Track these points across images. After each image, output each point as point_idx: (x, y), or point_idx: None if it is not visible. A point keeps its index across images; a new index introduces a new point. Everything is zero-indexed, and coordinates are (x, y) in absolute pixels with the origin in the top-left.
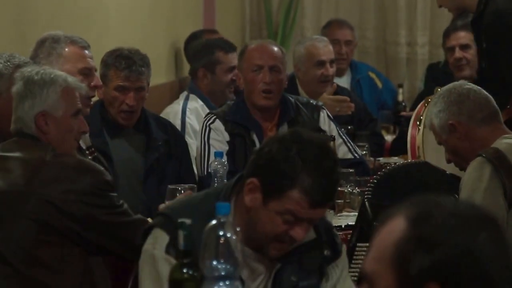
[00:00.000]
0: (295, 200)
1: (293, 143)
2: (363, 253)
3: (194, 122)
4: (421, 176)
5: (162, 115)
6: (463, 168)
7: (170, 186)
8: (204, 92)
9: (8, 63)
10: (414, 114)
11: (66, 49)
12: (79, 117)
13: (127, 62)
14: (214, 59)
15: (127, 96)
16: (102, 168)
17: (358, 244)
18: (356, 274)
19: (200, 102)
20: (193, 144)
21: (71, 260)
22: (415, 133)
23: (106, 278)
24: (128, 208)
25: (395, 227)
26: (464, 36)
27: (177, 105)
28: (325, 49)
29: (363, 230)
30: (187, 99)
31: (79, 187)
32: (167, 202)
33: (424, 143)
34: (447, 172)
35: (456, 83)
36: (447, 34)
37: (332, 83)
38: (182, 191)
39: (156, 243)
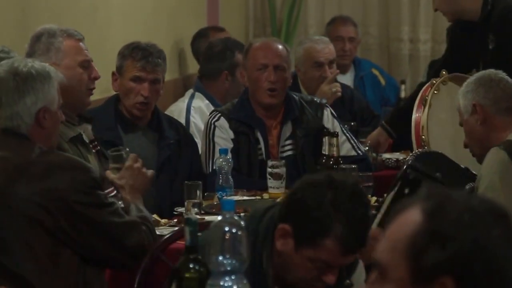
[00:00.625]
0: (328, 249)
1: (327, 190)
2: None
3: (198, 121)
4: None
5: (166, 112)
6: (475, 155)
7: (110, 152)
8: (217, 93)
9: None
10: (419, 95)
11: (64, 43)
12: (60, 109)
13: (143, 53)
14: (235, 61)
15: (142, 86)
16: (89, 165)
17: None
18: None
19: (206, 101)
20: (202, 137)
21: (64, 262)
22: (420, 114)
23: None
24: (120, 209)
25: (410, 219)
26: None
27: (182, 103)
28: (324, 50)
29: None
30: (192, 97)
31: (65, 184)
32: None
33: (429, 123)
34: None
35: (492, 70)
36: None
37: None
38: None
39: None
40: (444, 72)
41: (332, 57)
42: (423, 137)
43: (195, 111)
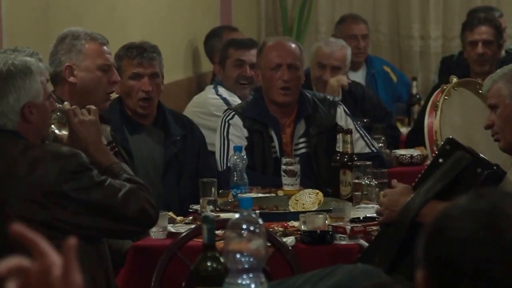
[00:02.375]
0: None
1: None
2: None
3: (229, 98)
4: None
5: (191, 104)
6: (506, 143)
7: (202, 180)
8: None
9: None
10: (430, 102)
11: (86, 46)
12: (50, 98)
13: (138, 50)
14: (226, 54)
15: (142, 82)
16: (75, 150)
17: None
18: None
19: (228, 93)
20: (216, 134)
21: None
22: (432, 119)
23: (107, 269)
24: (115, 182)
25: None
26: (487, 31)
27: (206, 92)
28: (334, 55)
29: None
30: (215, 87)
31: (53, 175)
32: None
33: (442, 127)
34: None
35: None
36: (469, 27)
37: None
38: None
39: None
40: (454, 78)
41: (337, 63)
42: (437, 142)
43: (224, 94)
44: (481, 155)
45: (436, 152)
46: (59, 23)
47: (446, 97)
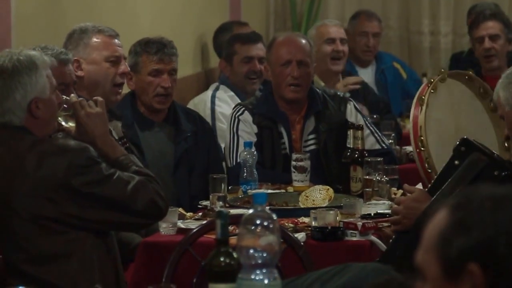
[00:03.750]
0: None
1: None
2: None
3: (224, 109)
4: None
5: (189, 105)
6: None
7: (212, 176)
8: (232, 84)
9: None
10: (417, 94)
11: (93, 39)
12: (55, 92)
13: (157, 46)
14: (232, 50)
15: (162, 78)
16: (84, 144)
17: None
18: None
19: (230, 93)
20: (226, 130)
21: (75, 249)
22: (418, 113)
23: (115, 263)
24: (123, 174)
25: (438, 219)
26: (493, 26)
27: (206, 95)
28: (335, 28)
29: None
30: (216, 89)
31: (62, 170)
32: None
33: (427, 122)
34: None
35: None
36: (475, 23)
37: (344, 62)
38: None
39: None
40: (442, 70)
41: (342, 36)
42: (421, 138)
43: (219, 100)
44: (495, 153)
45: (453, 151)
46: (68, 18)
47: (432, 91)
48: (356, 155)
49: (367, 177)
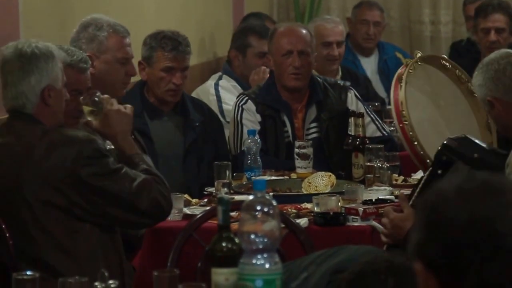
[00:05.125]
0: None
1: (388, 276)
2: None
3: (227, 97)
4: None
5: (193, 94)
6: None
7: (217, 163)
8: (237, 74)
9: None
10: (395, 76)
11: (108, 38)
12: (65, 88)
13: (173, 44)
14: (247, 42)
15: (174, 76)
16: (92, 136)
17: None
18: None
19: (233, 82)
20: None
21: (83, 240)
22: (398, 90)
23: (119, 250)
24: (130, 171)
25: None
26: (500, 19)
27: (209, 83)
28: (334, 30)
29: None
30: (219, 78)
31: (69, 160)
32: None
33: (407, 97)
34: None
35: (496, 55)
36: (483, 14)
37: (340, 61)
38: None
39: None
40: (418, 54)
41: (340, 38)
42: (403, 112)
43: (222, 88)
44: (476, 155)
45: (433, 162)
46: (73, 12)
47: (410, 71)
48: (358, 142)
49: (369, 163)
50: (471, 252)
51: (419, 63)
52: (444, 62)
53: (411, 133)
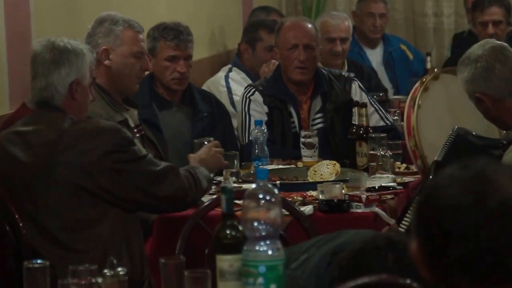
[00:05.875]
0: None
1: (387, 252)
2: None
3: (237, 89)
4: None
5: (203, 87)
6: (504, 128)
7: (195, 140)
8: (246, 66)
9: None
10: (409, 95)
11: (124, 32)
12: (91, 87)
13: (174, 33)
14: (257, 36)
15: (178, 64)
16: (119, 126)
17: (417, 198)
18: (407, 224)
19: (243, 75)
20: (233, 113)
21: (105, 220)
22: (411, 113)
23: (141, 236)
24: (154, 159)
25: None
26: (496, 12)
27: (218, 76)
28: (339, 26)
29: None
30: (229, 71)
31: (100, 147)
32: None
33: (418, 124)
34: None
35: (484, 50)
36: (480, 8)
37: (344, 56)
38: (206, 143)
39: None
40: (435, 70)
41: (344, 34)
42: (415, 137)
43: (233, 80)
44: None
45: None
46: (84, 9)
47: (424, 92)
48: (361, 132)
49: (372, 152)
50: (444, 235)
51: (434, 79)
52: None
53: (421, 158)
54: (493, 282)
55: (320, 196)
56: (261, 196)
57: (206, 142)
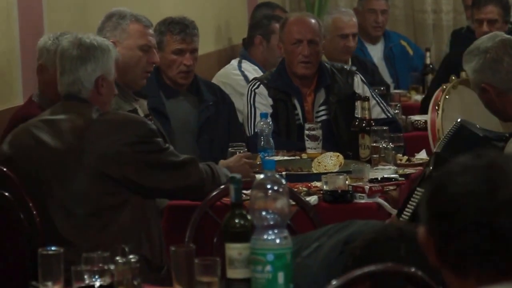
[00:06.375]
0: None
1: (399, 243)
2: (418, 197)
3: (251, 76)
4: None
5: (215, 78)
6: (505, 119)
7: (230, 149)
8: (257, 59)
9: (57, 40)
10: (432, 99)
11: (130, 26)
12: (114, 82)
13: (180, 27)
14: (271, 29)
15: (184, 57)
16: (145, 119)
17: (417, 189)
18: (409, 214)
19: (253, 66)
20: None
21: (127, 208)
22: (435, 117)
23: (159, 223)
24: (175, 150)
25: None
26: (492, 11)
27: (231, 66)
28: (350, 23)
29: (425, 177)
30: (240, 62)
31: (127, 137)
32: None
33: (444, 126)
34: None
35: (493, 42)
36: (477, 5)
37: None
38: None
39: None
40: (453, 78)
41: (355, 30)
42: (440, 139)
43: (246, 71)
44: None
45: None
46: (95, 7)
47: (446, 97)
48: (364, 124)
49: (374, 144)
50: (455, 222)
51: (453, 88)
52: None
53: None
54: (505, 271)
55: (325, 186)
56: (269, 186)
57: (239, 152)
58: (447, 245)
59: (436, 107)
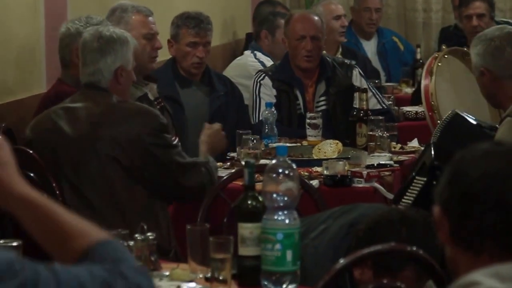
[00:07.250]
0: (406, 278)
1: (401, 226)
2: (419, 185)
3: (268, 64)
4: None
5: (229, 67)
6: (494, 105)
7: (244, 137)
8: (265, 51)
9: (87, 24)
10: (425, 67)
11: (133, 17)
12: (133, 71)
13: (195, 21)
14: (276, 24)
15: (197, 50)
16: (158, 112)
17: (416, 177)
18: (410, 202)
19: (266, 57)
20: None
21: (137, 197)
22: (428, 82)
23: (165, 208)
24: (182, 151)
25: None
26: (479, 6)
27: (246, 56)
28: (339, 5)
29: (424, 166)
30: (253, 52)
31: (138, 127)
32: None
33: (437, 90)
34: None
35: (500, 33)
36: (465, 3)
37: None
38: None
39: None
40: (444, 47)
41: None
42: (432, 102)
43: (261, 58)
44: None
45: (429, 173)
46: None
47: (439, 64)
48: (361, 114)
49: (371, 133)
50: (476, 202)
51: (445, 56)
52: (463, 53)
53: (439, 121)
54: None
55: (325, 171)
56: (280, 170)
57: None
58: (465, 224)
59: (430, 73)
